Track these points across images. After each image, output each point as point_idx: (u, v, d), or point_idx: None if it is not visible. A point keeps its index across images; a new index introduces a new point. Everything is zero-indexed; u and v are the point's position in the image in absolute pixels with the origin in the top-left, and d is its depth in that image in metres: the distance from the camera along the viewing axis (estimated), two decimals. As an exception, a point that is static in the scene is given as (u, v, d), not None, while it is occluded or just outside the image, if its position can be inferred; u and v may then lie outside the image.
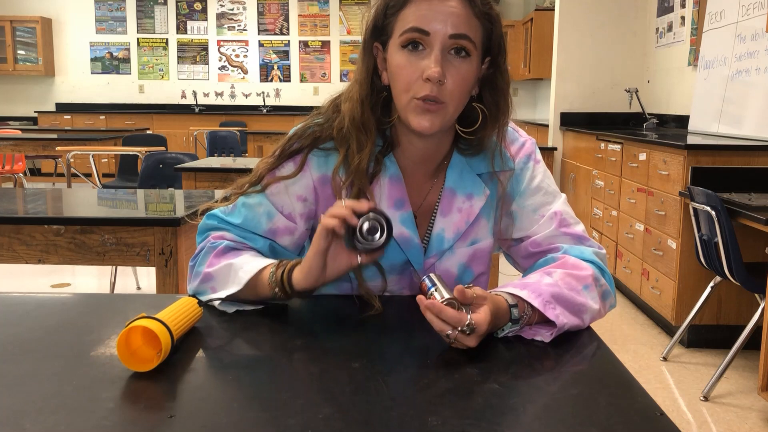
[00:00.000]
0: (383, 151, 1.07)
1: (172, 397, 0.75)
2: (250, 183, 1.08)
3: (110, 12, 9.01)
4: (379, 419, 0.68)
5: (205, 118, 8.58)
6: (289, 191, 1.06)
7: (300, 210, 1.07)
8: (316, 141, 1.07)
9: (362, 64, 1.05)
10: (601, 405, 0.73)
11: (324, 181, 1.06)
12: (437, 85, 0.96)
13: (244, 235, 1.06)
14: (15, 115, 8.95)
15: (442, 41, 0.96)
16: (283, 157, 1.07)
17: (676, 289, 3.09)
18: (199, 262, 1.04)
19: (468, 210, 1.08)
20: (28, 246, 1.95)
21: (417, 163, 1.09)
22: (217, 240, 1.05)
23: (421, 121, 0.99)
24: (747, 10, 3.59)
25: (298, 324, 0.98)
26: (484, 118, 1.04)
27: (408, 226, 1.06)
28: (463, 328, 0.83)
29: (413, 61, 0.98)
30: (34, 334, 0.91)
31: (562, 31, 5.19)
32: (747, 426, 2.36)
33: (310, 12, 8.98)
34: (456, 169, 1.09)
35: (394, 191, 1.06)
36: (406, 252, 1.06)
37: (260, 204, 1.06)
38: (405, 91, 0.99)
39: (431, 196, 1.10)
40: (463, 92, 1.00)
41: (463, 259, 1.09)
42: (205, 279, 1.02)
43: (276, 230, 1.07)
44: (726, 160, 3.03)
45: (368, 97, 1.04)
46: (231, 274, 0.99)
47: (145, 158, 3.98)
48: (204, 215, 1.10)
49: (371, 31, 1.04)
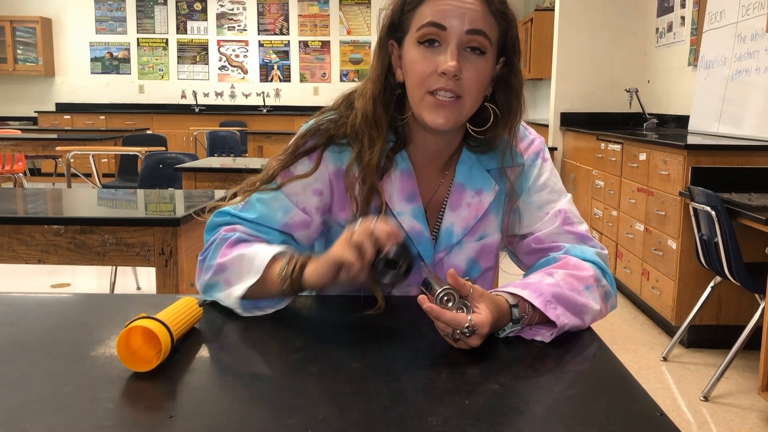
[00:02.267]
0: (395, 147, 1.08)
1: (172, 398, 0.75)
2: (262, 181, 1.08)
3: (110, 12, 9.01)
4: (379, 419, 0.68)
5: (205, 118, 8.58)
6: (305, 187, 1.06)
7: (316, 204, 1.07)
8: (331, 138, 1.07)
9: (377, 61, 1.06)
10: (601, 405, 0.73)
11: (339, 174, 1.07)
12: (453, 79, 0.97)
13: (259, 229, 1.05)
14: (15, 115, 8.95)
15: (459, 37, 0.97)
16: (298, 155, 1.07)
17: (676, 289, 3.09)
18: (210, 255, 1.02)
19: (477, 205, 1.09)
20: (28, 246, 1.95)
21: (428, 159, 1.10)
22: (229, 232, 1.04)
23: (436, 118, 0.99)
24: (747, 10, 3.58)
25: (298, 324, 0.97)
26: (496, 118, 1.05)
27: (419, 219, 1.07)
28: (462, 329, 0.83)
29: (429, 56, 0.99)
30: (34, 334, 0.91)
31: (562, 31, 5.19)
32: (747, 426, 2.36)
33: (310, 12, 8.98)
34: (465, 164, 1.10)
35: (405, 185, 1.07)
36: (417, 245, 1.07)
37: (276, 199, 1.06)
38: (419, 85, 1.00)
39: (440, 191, 1.11)
40: (480, 89, 1.01)
41: (472, 254, 1.10)
42: (218, 270, 1.00)
43: (292, 224, 1.06)
44: (726, 160, 3.03)
45: (381, 94, 1.05)
46: (245, 264, 0.97)
47: (145, 158, 3.98)
48: (215, 212, 1.09)
49: (387, 28, 1.05)
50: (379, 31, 1.06)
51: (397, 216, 1.06)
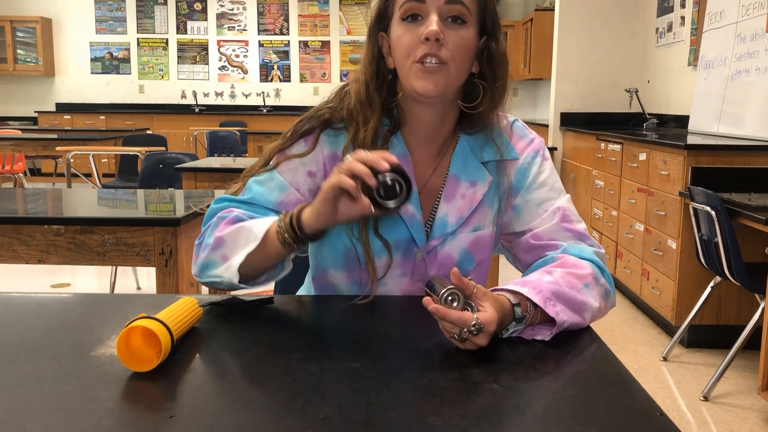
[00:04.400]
0: (391, 129, 1.09)
1: (172, 398, 0.75)
2: (260, 165, 1.10)
3: (110, 12, 9.01)
4: (379, 419, 0.68)
5: (205, 118, 8.58)
6: (299, 167, 1.08)
7: (309, 185, 1.09)
8: (327, 122, 1.10)
9: (367, 51, 1.09)
10: (601, 405, 0.73)
11: (334, 158, 1.09)
12: (436, 44, 0.99)
13: (254, 210, 1.06)
14: (15, 115, 8.95)
15: (438, 7, 1.01)
16: (295, 137, 1.10)
17: (676, 289, 3.09)
18: (208, 233, 1.03)
19: (471, 196, 1.10)
20: (28, 246, 1.95)
21: (422, 142, 1.11)
22: (226, 213, 1.05)
23: (425, 84, 1.01)
24: (747, 10, 3.58)
25: (298, 324, 0.97)
26: (484, 91, 1.07)
27: (413, 203, 1.08)
28: (470, 328, 0.83)
29: (412, 29, 1.02)
30: (34, 334, 0.91)
31: (562, 31, 5.19)
32: (747, 426, 2.36)
33: (310, 12, 8.98)
34: (460, 156, 1.11)
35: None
36: (410, 228, 1.08)
37: (271, 179, 1.08)
38: (406, 57, 1.02)
39: (435, 180, 1.12)
40: (464, 56, 1.03)
41: (465, 245, 1.10)
42: (216, 245, 1.01)
43: (288, 203, 1.07)
44: (726, 160, 3.03)
45: (373, 78, 1.08)
46: (244, 234, 0.99)
47: (145, 158, 3.98)
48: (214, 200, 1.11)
49: (375, 19, 1.08)
50: (368, 24, 1.09)
51: None
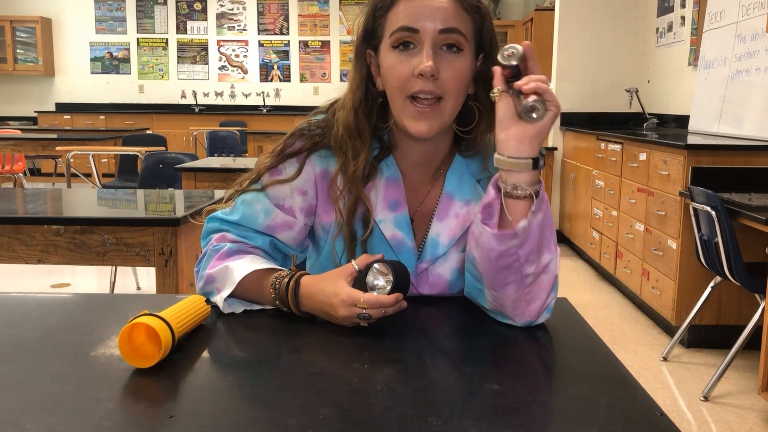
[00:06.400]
0: (380, 155, 1.06)
1: (173, 397, 0.75)
2: (250, 180, 1.08)
3: (110, 12, 9.01)
4: (379, 419, 0.68)
5: (205, 118, 8.57)
6: (288, 188, 1.06)
7: (300, 204, 1.07)
8: (316, 146, 1.06)
9: (355, 72, 1.04)
10: (601, 405, 0.73)
11: (325, 175, 1.06)
12: (431, 80, 0.95)
13: (244, 233, 1.06)
14: (15, 115, 8.95)
15: (432, 37, 0.95)
16: (284, 157, 1.07)
17: (676, 289, 3.09)
18: (203, 266, 1.05)
19: (465, 216, 1.07)
20: (28, 246, 1.95)
21: (416, 166, 1.09)
22: (219, 243, 1.06)
23: (419, 126, 0.98)
24: (747, 10, 3.58)
25: (298, 324, 0.97)
26: (480, 114, 1.03)
27: (402, 228, 1.05)
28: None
29: (404, 60, 0.97)
30: (34, 334, 0.91)
31: (562, 31, 5.19)
32: (747, 426, 2.36)
33: (310, 12, 8.98)
34: (456, 174, 1.08)
35: (390, 192, 1.06)
36: (398, 254, 1.05)
37: (258, 201, 1.06)
38: (399, 90, 0.98)
39: (429, 201, 1.09)
40: (460, 87, 0.99)
41: (456, 265, 1.08)
42: (208, 281, 1.03)
43: (275, 226, 1.07)
44: (726, 160, 3.03)
45: (362, 104, 1.03)
46: (228, 276, 1.00)
47: (145, 158, 3.98)
48: (207, 218, 1.11)
49: (362, 37, 1.03)
50: (355, 41, 1.04)
51: (379, 224, 1.05)
